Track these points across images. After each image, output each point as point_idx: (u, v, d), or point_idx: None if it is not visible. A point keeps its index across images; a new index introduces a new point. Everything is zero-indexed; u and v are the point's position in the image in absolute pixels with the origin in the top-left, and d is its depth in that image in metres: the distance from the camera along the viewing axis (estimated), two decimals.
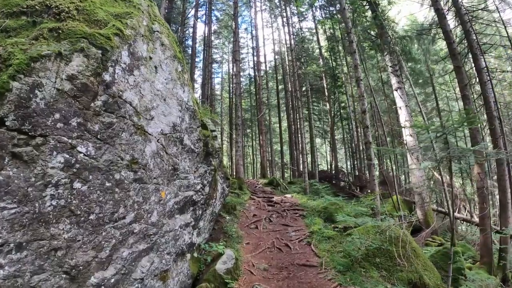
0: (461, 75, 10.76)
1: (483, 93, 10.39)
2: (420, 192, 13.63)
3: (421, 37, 18.68)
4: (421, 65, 22.90)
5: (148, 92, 4.52)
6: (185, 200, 5.35)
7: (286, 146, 34.78)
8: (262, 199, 13.46)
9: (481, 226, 10.31)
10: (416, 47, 21.52)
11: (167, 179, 4.85)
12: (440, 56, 22.06)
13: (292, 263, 6.81)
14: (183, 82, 5.39)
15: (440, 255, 7.97)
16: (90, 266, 3.69)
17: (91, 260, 3.70)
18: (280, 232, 9.07)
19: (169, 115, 4.91)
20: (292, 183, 21.56)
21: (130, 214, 4.18)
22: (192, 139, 5.53)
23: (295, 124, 27.26)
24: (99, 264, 3.79)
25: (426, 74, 23.89)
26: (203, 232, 6.52)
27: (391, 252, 6.59)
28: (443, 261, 7.74)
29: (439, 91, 26.04)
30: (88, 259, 3.66)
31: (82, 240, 3.61)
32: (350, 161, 26.41)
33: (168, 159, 4.86)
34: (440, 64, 23.05)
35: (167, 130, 4.85)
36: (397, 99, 15.08)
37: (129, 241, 4.24)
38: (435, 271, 7.14)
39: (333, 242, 7.64)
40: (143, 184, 4.33)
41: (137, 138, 4.21)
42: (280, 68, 32.51)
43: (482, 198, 10.23)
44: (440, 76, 24.46)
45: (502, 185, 9.90)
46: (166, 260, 4.87)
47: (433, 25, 14.94)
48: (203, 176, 5.91)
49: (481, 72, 10.48)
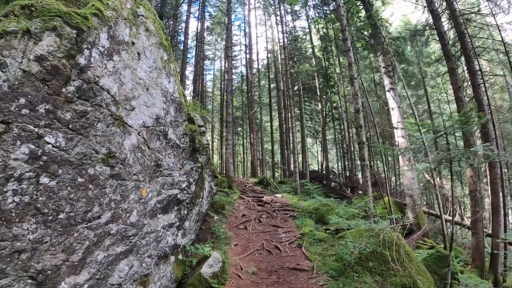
0: (455, 77, 10.64)
1: (476, 96, 10.27)
2: (411, 194, 13.46)
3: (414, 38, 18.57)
4: (413, 67, 22.87)
5: (129, 80, 4.12)
6: (169, 199, 4.96)
7: (277, 146, 34.53)
8: (251, 199, 13.11)
9: (473, 230, 10.20)
10: (409, 49, 21.44)
11: (149, 176, 4.46)
12: (432, 58, 22.06)
13: (282, 266, 6.47)
14: (168, 71, 4.99)
15: (433, 258, 7.69)
16: (60, 271, 3.31)
17: (61, 264, 3.32)
18: (270, 234, 8.73)
19: (152, 107, 4.51)
20: (283, 183, 21.27)
21: (106, 213, 3.79)
22: (178, 134, 5.14)
23: (287, 123, 26.97)
24: (71, 269, 3.41)
25: (418, 76, 23.85)
26: (189, 233, 6.14)
27: (385, 256, 6.32)
28: (436, 265, 7.52)
29: (431, 94, 26.05)
30: (57, 263, 3.28)
31: (50, 242, 3.23)
32: (341, 161, 26.20)
33: (151, 154, 4.47)
34: (432, 66, 23.05)
35: (149, 123, 4.46)
36: (390, 100, 14.93)
37: (105, 243, 3.85)
38: (428, 276, 6.91)
39: (324, 245, 7.32)
40: (121, 180, 3.93)
41: (114, 130, 3.81)
42: (272, 66, 32.28)
43: (475, 202, 10.09)
44: (432, 79, 24.47)
45: (494, 188, 9.77)
46: (147, 264, 4.48)
47: (426, 26, 14.86)
48: (189, 174, 5.52)
49: (475, 75, 10.37)
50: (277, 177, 29.17)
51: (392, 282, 6.15)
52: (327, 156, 25.25)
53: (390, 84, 14.85)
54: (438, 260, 7.52)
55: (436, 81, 24.81)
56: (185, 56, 23.50)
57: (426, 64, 23.02)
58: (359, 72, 16.71)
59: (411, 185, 13.63)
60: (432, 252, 8.17)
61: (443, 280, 7.34)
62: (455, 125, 4.33)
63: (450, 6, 10.83)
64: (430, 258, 7.72)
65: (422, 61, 22.61)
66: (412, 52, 22.00)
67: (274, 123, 32.26)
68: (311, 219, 9.76)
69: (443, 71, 20.11)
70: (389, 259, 6.33)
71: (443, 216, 9.91)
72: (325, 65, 24.22)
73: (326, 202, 11.36)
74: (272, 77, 31.73)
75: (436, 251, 8.00)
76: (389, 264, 6.36)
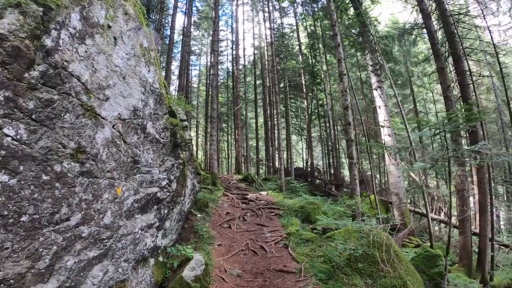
0: (444, 76, 10.54)
1: (464, 96, 10.17)
2: (397, 193, 13.40)
3: (402, 38, 18.59)
4: (400, 67, 22.93)
5: (103, 67, 3.72)
6: (147, 197, 4.59)
7: (262, 142, 34.30)
8: (236, 196, 12.79)
9: (461, 229, 10.12)
10: (396, 49, 21.48)
11: (125, 173, 4.08)
12: (419, 58, 22.19)
13: (268, 268, 6.18)
14: (148, 60, 4.60)
15: (421, 258, 7.55)
16: (25, 279, 2.95)
17: (26, 272, 2.95)
18: (255, 233, 8.43)
19: (129, 97, 4.12)
20: (267, 180, 21.04)
21: (76, 214, 3.41)
22: (157, 128, 4.76)
23: (272, 119, 26.78)
24: (37, 277, 3.04)
25: (405, 75, 23.95)
26: (170, 233, 5.78)
27: (374, 256, 6.12)
28: (425, 264, 7.38)
29: (417, 93, 26.21)
30: (21, 271, 2.91)
31: (12, 248, 2.84)
32: (326, 159, 26.11)
33: (127, 150, 4.09)
34: (419, 66, 23.19)
35: (126, 115, 4.07)
36: (377, 99, 14.84)
37: (76, 248, 3.48)
38: (417, 276, 6.76)
39: (312, 245, 7.06)
40: (93, 178, 3.55)
41: (85, 122, 3.42)
42: (259, 63, 32.02)
43: (462, 201, 10.01)
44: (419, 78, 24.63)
45: (482, 188, 9.72)
46: (123, 269, 4.11)
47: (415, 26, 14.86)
48: (170, 171, 5.15)
49: (464, 75, 10.23)
50: (262, 174, 28.95)
51: (382, 284, 5.95)
52: (312, 154, 25.14)
53: (377, 83, 14.74)
54: (427, 260, 7.41)
55: (422, 81, 24.98)
56: (171, 51, 22.85)
57: (413, 64, 23.13)
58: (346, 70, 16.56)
59: (397, 183, 13.56)
60: (421, 251, 8.05)
61: (432, 280, 7.22)
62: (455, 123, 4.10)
63: (440, 6, 10.73)
64: (419, 257, 7.59)
65: (409, 61, 22.74)
66: (399, 51, 22.08)
67: (259, 119, 32.05)
68: (297, 217, 9.51)
69: (430, 71, 20.24)
70: (378, 260, 6.13)
71: (430, 215, 9.89)
72: (312, 62, 24.21)
73: (312, 200, 11.16)
74: (258, 73, 31.47)
75: (424, 251, 7.86)
76: (378, 265, 6.16)
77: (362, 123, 15.06)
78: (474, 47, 13.92)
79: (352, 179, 9.13)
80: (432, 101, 26.29)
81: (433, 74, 17.21)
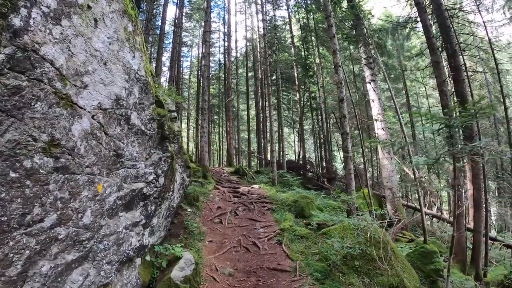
0: (440, 70, 10.46)
1: (459, 90, 10.10)
2: (390, 187, 13.27)
3: (396, 32, 18.40)
4: (393, 60, 22.82)
5: (81, 51, 3.36)
6: (132, 194, 4.26)
7: (253, 135, 34.16)
8: (227, 189, 12.48)
9: (456, 225, 10.00)
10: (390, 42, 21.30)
11: (107, 168, 3.74)
12: (412, 53, 22.12)
13: (262, 266, 5.91)
14: (133, 45, 4.23)
15: (417, 254, 7.45)
16: None
17: None
18: (247, 228, 8.16)
19: (111, 85, 3.76)
20: (259, 173, 20.79)
21: (51, 215, 3.08)
22: (143, 119, 4.41)
23: (264, 112, 26.59)
24: (8, 285, 2.74)
25: (398, 69, 23.85)
26: (158, 230, 5.47)
27: (371, 254, 5.91)
28: (420, 261, 7.27)
29: (410, 87, 26.15)
30: None
31: None
32: (318, 151, 25.96)
33: (109, 142, 3.74)
34: (412, 61, 23.10)
35: (107, 104, 3.71)
36: (370, 92, 14.66)
37: (52, 251, 3.16)
38: (413, 273, 6.64)
39: (306, 242, 6.81)
40: (69, 174, 3.21)
41: (59, 112, 3.07)
42: (251, 55, 31.72)
43: (458, 196, 9.90)
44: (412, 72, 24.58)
45: (477, 183, 9.61)
46: (106, 272, 3.80)
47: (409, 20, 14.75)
48: (157, 165, 4.82)
49: (459, 69, 10.15)
50: (253, 166, 28.75)
51: (379, 282, 5.77)
52: (304, 146, 24.96)
53: (371, 76, 14.56)
54: (423, 257, 7.29)
55: (415, 75, 24.96)
56: (162, 41, 22.29)
57: (406, 58, 23.08)
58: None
59: (390, 177, 13.44)
60: (416, 248, 7.95)
61: (428, 277, 7.08)
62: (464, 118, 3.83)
63: (435, 0, 10.60)
64: (414, 254, 7.49)
65: (402, 55, 22.65)
66: (392, 45, 21.93)
67: (251, 112, 31.86)
68: (291, 212, 9.25)
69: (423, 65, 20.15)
70: (375, 257, 5.93)
71: (423, 210, 9.74)
72: (305, 54, 24.10)
73: (306, 194, 10.91)
74: (250, 65, 31.21)
75: (420, 247, 7.72)
76: (375, 263, 5.98)
77: (356, 116, 14.83)
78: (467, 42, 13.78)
79: (347, 173, 8.88)
80: (425, 95, 26.28)
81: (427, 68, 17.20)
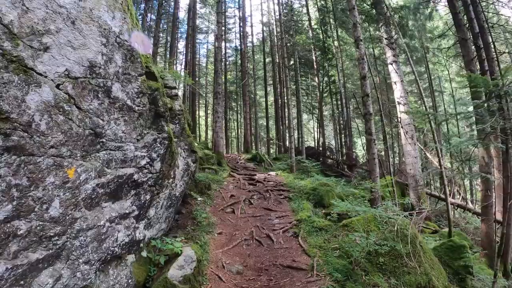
0: (467, 48, 9.71)
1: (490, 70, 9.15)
2: (414, 174, 12.40)
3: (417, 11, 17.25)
4: (415, 41, 21.64)
5: (40, 6, 2.69)
6: (119, 181, 3.62)
7: (271, 121, 33.49)
8: (243, 177, 11.85)
9: (484, 216, 9.22)
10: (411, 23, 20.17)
11: (82, 149, 3.10)
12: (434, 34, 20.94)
13: (275, 263, 5.22)
14: (113, 3, 3.51)
15: (444, 249, 6.74)
16: None
17: None
18: (261, 219, 7.49)
19: (82, 49, 3.08)
20: (277, 159, 20.13)
21: (5, 206, 2.47)
22: (130, 92, 3.71)
23: (282, 98, 26.06)
24: None
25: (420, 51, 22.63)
26: (157, 222, 4.84)
27: (397, 249, 5.16)
28: (448, 256, 6.57)
29: (432, 70, 24.78)
30: None
31: None
32: (338, 138, 25.06)
33: (83, 119, 3.09)
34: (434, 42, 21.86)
35: (78, 72, 3.04)
36: (392, 74, 13.77)
37: (10, 249, 2.58)
38: (441, 269, 5.87)
39: (326, 235, 6.06)
40: (26, 156, 2.58)
41: (8, 78, 2.41)
42: (268, 40, 30.89)
43: (486, 185, 9.03)
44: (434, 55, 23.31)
45: (507, 170, 8.64)
46: (83, 273, 3.19)
47: None
48: (151, 147, 4.15)
49: (488, 47, 9.29)
50: (272, 154, 28.20)
51: (406, 281, 5.05)
52: (323, 132, 24.13)
53: (393, 57, 13.65)
54: (451, 251, 6.62)
55: (437, 58, 23.57)
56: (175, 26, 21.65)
57: (428, 40, 21.86)
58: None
59: (414, 164, 12.59)
60: (444, 241, 7.21)
61: (457, 274, 6.39)
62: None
63: None
64: (442, 248, 6.79)
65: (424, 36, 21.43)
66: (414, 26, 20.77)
67: (269, 98, 31.12)
68: (309, 201, 8.50)
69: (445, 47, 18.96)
70: (403, 253, 5.19)
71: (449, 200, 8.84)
72: (323, 37, 23.45)
73: (325, 181, 10.11)
74: (268, 51, 30.38)
75: (448, 241, 6.97)
76: (402, 259, 5.27)
77: (378, 99, 13.87)
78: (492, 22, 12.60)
79: (370, 158, 8.03)
80: (448, 79, 24.93)
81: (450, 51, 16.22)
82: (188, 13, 25.80)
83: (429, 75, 23.42)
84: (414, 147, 12.76)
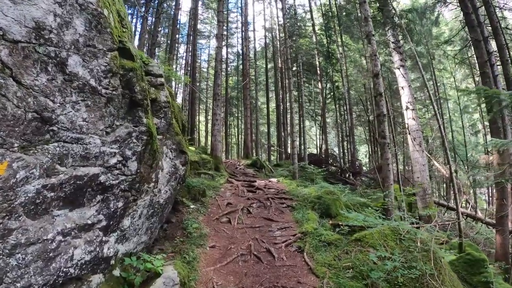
0: (481, 50, 9.23)
1: (505, 72, 8.82)
2: (421, 182, 11.69)
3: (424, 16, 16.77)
4: (421, 47, 21.22)
5: None
6: (77, 182, 2.81)
7: (273, 128, 32.97)
8: (241, 183, 11.03)
9: (499, 226, 8.68)
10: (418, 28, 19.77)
11: (23, 138, 2.30)
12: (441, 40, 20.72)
13: (276, 284, 4.38)
14: None
15: (462, 263, 6.25)
16: None
17: None
18: (260, 230, 6.66)
19: (24, 4, 2.31)
20: (279, 166, 19.39)
21: None
22: (95, 69, 2.91)
23: (284, 104, 25.68)
24: None
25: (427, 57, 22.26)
26: (136, 234, 4.02)
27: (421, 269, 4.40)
28: (466, 270, 6.12)
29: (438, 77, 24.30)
30: None
31: None
32: (341, 145, 24.37)
33: (24, 97, 2.30)
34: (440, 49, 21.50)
35: (18, 34, 2.25)
36: (399, 78, 13.27)
37: None
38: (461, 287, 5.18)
39: (336, 251, 5.21)
40: None
41: None
42: (270, 46, 30.58)
43: (502, 194, 8.45)
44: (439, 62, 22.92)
45: None
46: None
47: None
48: (125, 143, 3.35)
49: (502, 49, 8.99)
50: (273, 160, 27.50)
51: None
52: (326, 139, 23.51)
53: (400, 61, 13.16)
54: (469, 266, 6.18)
55: (442, 65, 23.48)
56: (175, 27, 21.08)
57: (434, 46, 21.50)
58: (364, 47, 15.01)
59: (422, 172, 11.96)
60: (462, 255, 6.53)
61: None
62: None
63: None
64: (459, 262, 6.31)
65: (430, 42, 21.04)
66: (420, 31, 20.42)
67: (271, 104, 30.64)
68: (314, 210, 7.66)
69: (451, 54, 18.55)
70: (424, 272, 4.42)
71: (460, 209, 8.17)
72: (327, 42, 23.20)
73: (331, 189, 9.28)
74: (270, 56, 29.99)
75: (466, 254, 6.42)
76: (423, 278, 4.46)
77: (387, 102, 13.21)
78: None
79: (384, 164, 7.18)
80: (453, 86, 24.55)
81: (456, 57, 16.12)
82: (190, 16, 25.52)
83: (435, 81, 23.09)
84: (422, 154, 12.14)
